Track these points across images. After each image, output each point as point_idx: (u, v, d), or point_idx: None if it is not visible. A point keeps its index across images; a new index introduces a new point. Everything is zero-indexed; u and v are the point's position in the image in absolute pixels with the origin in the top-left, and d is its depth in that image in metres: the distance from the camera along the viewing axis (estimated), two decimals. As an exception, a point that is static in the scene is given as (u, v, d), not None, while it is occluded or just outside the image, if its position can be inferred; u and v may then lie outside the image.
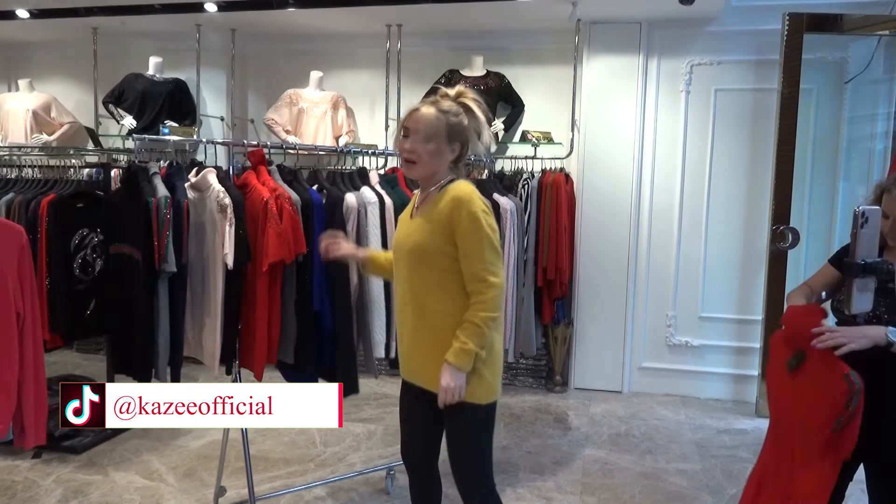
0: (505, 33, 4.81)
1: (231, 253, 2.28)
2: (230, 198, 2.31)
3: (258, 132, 5.34)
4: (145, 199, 2.18)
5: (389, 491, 3.11)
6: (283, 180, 2.46)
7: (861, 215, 0.93)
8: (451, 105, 1.87)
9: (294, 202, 2.34)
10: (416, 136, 1.84)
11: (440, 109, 1.85)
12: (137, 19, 4.77)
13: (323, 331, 2.43)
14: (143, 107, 5.04)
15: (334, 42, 5.12)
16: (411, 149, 1.84)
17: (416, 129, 1.84)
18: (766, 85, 4.23)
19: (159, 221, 2.17)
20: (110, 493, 3.06)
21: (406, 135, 1.86)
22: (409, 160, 1.86)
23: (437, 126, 1.83)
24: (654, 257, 4.58)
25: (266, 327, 2.34)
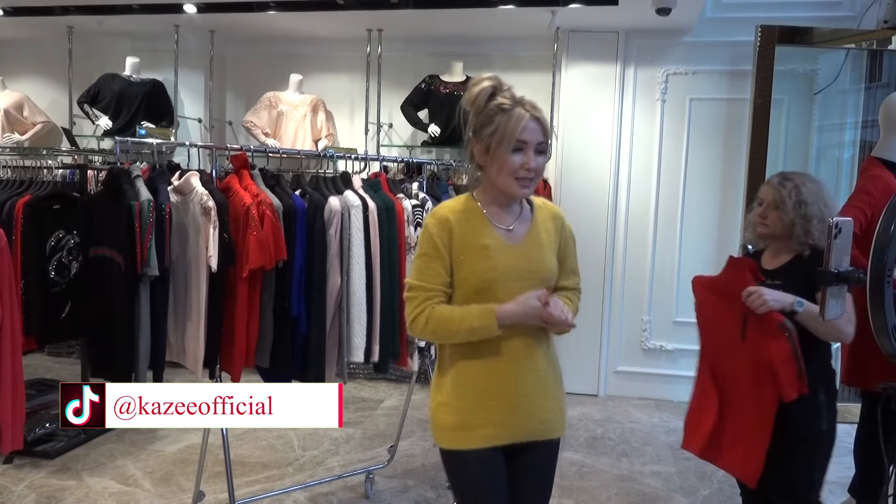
0: (485, 40, 4.85)
1: (215, 256, 2.27)
2: (214, 201, 2.30)
3: (236, 135, 5.31)
4: (128, 201, 2.17)
5: (369, 495, 3.12)
6: (265, 185, 2.47)
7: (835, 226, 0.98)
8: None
9: (276, 208, 2.35)
10: (543, 155, 1.58)
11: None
12: (114, 19, 4.72)
13: (299, 335, 2.44)
14: (120, 107, 4.98)
15: (314, 45, 5.12)
16: (538, 168, 1.57)
17: (543, 143, 1.57)
18: (739, 95, 4.33)
19: (142, 225, 2.16)
20: (85, 499, 3.02)
21: (532, 150, 1.54)
22: (530, 179, 1.57)
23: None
24: (630, 263, 4.65)
25: (245, 332, 2.34)
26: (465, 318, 1.52)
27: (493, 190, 1.60)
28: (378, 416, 4.21)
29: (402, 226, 2.68)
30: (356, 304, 2.56)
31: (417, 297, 1.56)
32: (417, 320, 1.55)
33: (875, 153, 2.60)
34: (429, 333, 1.57)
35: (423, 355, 2.73)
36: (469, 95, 1.60)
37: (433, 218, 1.59)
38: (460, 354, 1.60)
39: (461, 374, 1.61)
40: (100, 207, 2.37)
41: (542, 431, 1.67)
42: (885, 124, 2.58)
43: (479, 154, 1.59)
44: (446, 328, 1.53)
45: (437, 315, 1.53)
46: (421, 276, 1.56)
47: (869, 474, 2.59)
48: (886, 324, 0.99)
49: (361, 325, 2.58)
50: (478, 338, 1.53)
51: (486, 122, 1.55)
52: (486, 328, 1.51)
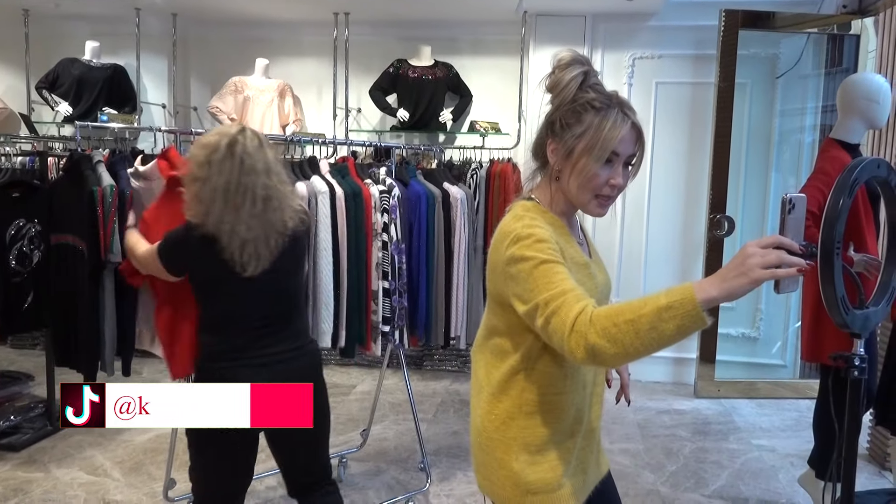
0: (453, 24, 4.84)
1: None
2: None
3: (202, 120, 5.22)
4: (90, 187, 2.13)
5: (342, 479, 3.13)
6: (231, 170, 2.43)
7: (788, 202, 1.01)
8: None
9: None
10: (629, 169, 1.30)
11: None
12: (72, 2, 4.61)
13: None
14: (80, 93, 4.87)
15: (280, 29, 5.05)
16: (624, 186, 1.29)
17: (633, 156, 1.30)
18: (703, 79, 4.39)
19: (105, 211, 2.12)
20: (53, 490, 2.98)
21: (621, 163, 1.27)
22: (611, 199, 1.30)
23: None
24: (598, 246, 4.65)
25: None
26: (647, 301, 1.04)
27: (563, 199, 1.32)
28: (351, 402, 4.21)
29: (369, 212, 2.68)
30: (323, 290, 2.56)
31: (565, 301, 1.11)
32: (577, 325, 1.08)
33: (833, 135, 2.67)
34: (599, 338, 1.05)
35: (387, 339, 2.74)
36: (557, 81, 1.28)
37: (537, 230, 1.22)
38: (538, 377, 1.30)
39: (547, 406, 1.30)
40: (61, 194, 2.32)
41: (605, 465, 1.53)
42: (842, 106, 2.65)
43: (555, 155, 1.29)
44: (621, 319, 1.04)
45: (602, 311, 1.07)
46: (555, 285, 1.14)
47: (827, 446, 2.68)
48: (836, 295, 1.02)
49: (329, 310, 2.58)
50: (675, 330, 1.02)
51: (574, 121, 1.25)
52: (683, 304, 1.01)
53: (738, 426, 3.96)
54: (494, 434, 1.33)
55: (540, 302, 1.13)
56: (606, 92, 1.28)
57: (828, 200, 1.03)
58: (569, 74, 1.27)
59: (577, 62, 1.29)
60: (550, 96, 1.31)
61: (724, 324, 4.47)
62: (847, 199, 1.01)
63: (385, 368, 3.37)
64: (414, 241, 2.98)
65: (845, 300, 1.05)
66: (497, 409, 1.33)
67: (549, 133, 1.31)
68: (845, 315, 1.07)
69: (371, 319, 2.78)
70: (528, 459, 1.30)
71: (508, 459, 1.31)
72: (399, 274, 2.80)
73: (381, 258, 2.75)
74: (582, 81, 1.28)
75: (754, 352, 4.75)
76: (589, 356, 1.06)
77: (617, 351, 1.04)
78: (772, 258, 0.99)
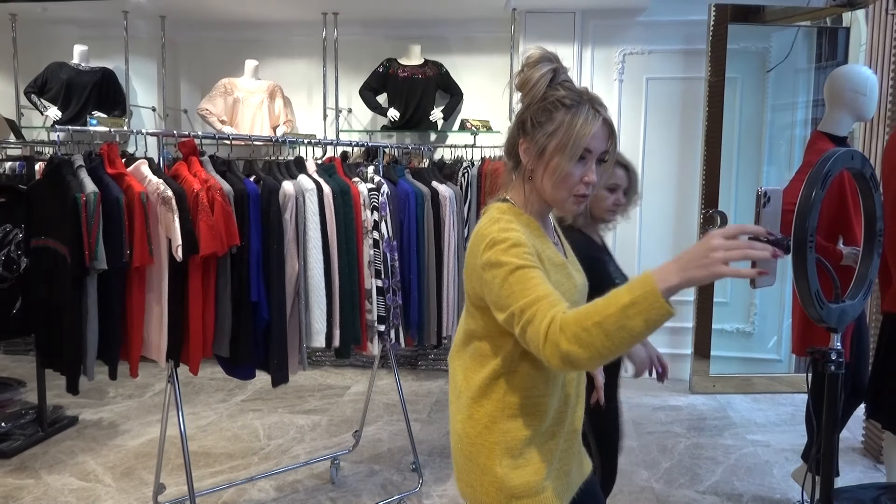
0: (442, 22, 4.83)
1: (182, 245, 2.23)
2: (171, 190, 2.26)
3: (192, 123, 5.21)
4: (72, 194, 2.10)
5: (334, 480, 3.11)
6: (216, 171, 2.42)
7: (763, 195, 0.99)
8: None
9: (226, 193, 2.31)
10: (602, 165, 1.27)
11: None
12: (59, 6, 4.58)
13: (260, 322, 2.41)
14: (69, 97, 4.85)
15: (269, 30, 5.04)
16: (597, 182, 1.26)
17: (607, 152, 1.27)
18: (693, 74, 4.38)
19: (88, 218, 2.10)
20: (44, 497, 2.96)
21: (594, 160, 1.25)
22: (586, 196, 1.27)
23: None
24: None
25: (201, 321, 2.30)
26: (610, 300, 1.03)
27: (538, 199, 1.30)
28: (345, 403, 4.20)
29: (358, 209, 2.66)
30: (315, 289, 2.54)
31: (539, 309, 1.10)
32: (549, 334, 1.07)
33: (821, 128, 2.66)
34: (570, 346, 1.04)
35: (383, 339, 2.72)
36: (526, 79, 1.26)
37: (513, 233, 1.20)
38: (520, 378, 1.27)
39: (529, 408, 1.27)
40: (40, 199, 2.30)
41: (587, 466, 1.49)
42: (829, 99, 2.63)
43: (527, 155, 1.27)
44: (589, 322, 1.03)
45: (568, 316, 1.06)
46: (530, 290, 1.12)
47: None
48: (810, 289, 1.01)
49: (321, 309, 2.56)
50: (642, 325, 1.00)
51: (545, 119, 1.24)
52: (646, 298, 0.99)
53: (734, 421, 3.95)
54: (477, 439, 1.31)
55: (515, 311, 1.13)
56: (577, 88, 1.26)
57: (800, 193, 1.01)
58: (538, 72, 1.25)
59: (546, 59, 1.26)
60: (520, 95, 1.28)
61: (718, 319, 4.46)
62: (819, 191, 0.99)
63: (377, 369, 3.35)
64: (404, 241, 2.96)
65: (819, 294, 1.03)
66: (478, 414, 1.31)
67: (520, 132, 1.28)
68: (820, 309, 1.05)
69: (366, 319, 2.76)
70: (511, 463, 1.28)
71: (491, 464, 1.29)
72: (392, 272, 2.79)
73: (372, 256, 2.73)
74: (551, 79, 1.25)
75: (749, 347, 4.74)
76: (565, 363, 1.06)
77: (590, 355, 1.03)
78: (736, 254, 0.96)
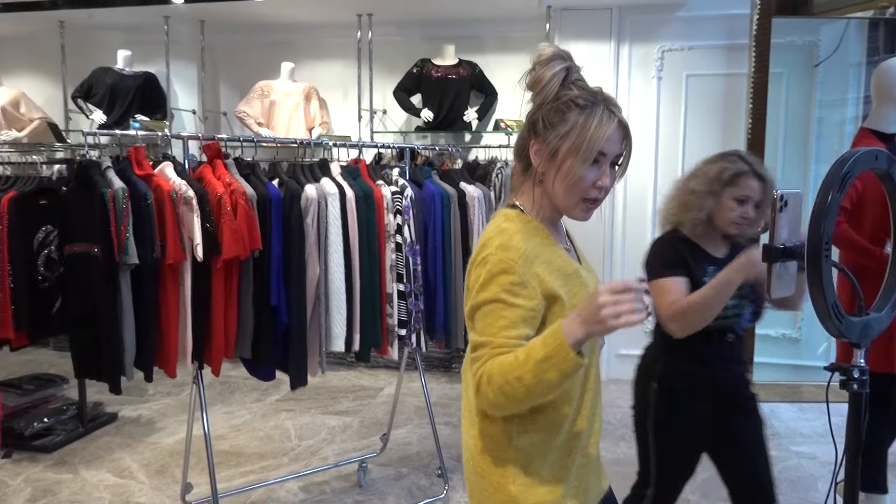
0: (476, 21, 4.78)
1: (201, 245, 2.25)
2: (193, 190, 2.28)
3: (231, 125, 5.29)
4: (100, 191, 2.15)
5: (361, 484, 3.10)
6: (240, 174, 2.44)
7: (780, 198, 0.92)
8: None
9: (249, 197, 2.32)
10: (616, 169, 1.23)
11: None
12: (104, 12, 4.71)
13: (279, 325, 2.42)
14: (113, 101, 4.98)
15: (305, 32, 5.08)
16: (611, 187, 1.23)
17: (621, 155, 1.23)
18: (736, 70, 4.23)
19: (117, 213, 2.13)
20: (80, 492, 3.04)
21: (609, 163, 1.21)
22: (598, 201, 1.24)
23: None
24: (629, 244, 4.58)
25: (223, 323, 2.32)
26: (529, 354, 1.07)
27: (548, 204, 1.25)
28: (377, 405, 4.19)
29: (381, 213, 2.65)
30: (335, 293, 2.53)
31: (482, 357, 1.13)
32: (480, 387, 1.12)
33: (867, 124, 2.52)
34: (497, 398, 1.11)
35: (404, 343, 2.70)
36: (537, 78, 1.21)
37: (508, 253, 1.16)
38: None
39: (541, 424, 1.24)
40: (72, 202, 2.35)
41: (605, 481, 1.43)
42: (877, 94, 2.49)
43: (538, 157, 1.22)
44: (511, 377, 1.08)
45: (495, 367, 1.10)
46: (489, 330, 1.14)
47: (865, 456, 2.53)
48: (825, 301, 0.92)
49: (341, 314, 2.55)
50: (558, 377, 1.06)
51: (557, 120, 1.18)
52: (557, 352, 1.05)
53: (778, 431, 3.79)
54: (488, 456, 1.26)
55: (472, 341, 1.18)
56: (590, 88, 1.21)
57: (817, 195, 0.94)
58: (550, 71, 1.20)
59: (559, 57, 1.21)
60: (531, 94, 1.23)
61: (763, 324, 4.27)
62: (837, 194, 0.91)
63: (403, 372, 3.33)
64: (429, 243, 2.93)
65: (837, 306, 0.95)
66: (489, 430, 1.26)
67: (531, 133, 1.23)
68: (838, 323, 0.97)
69: (387, 323, 2.74)
70: (525, 482, 1.23)
71: (505, 483, 1.23)
72: (414, 276, 2.76)
73: (394, 260, 2.71)
74: (564, 78, 1.21)
75: (797, 353, 4.54)
76: (494, 410, 1.17)
77: (514, 405, 1.13)
78: (621, 308, 1.00)
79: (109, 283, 2.24)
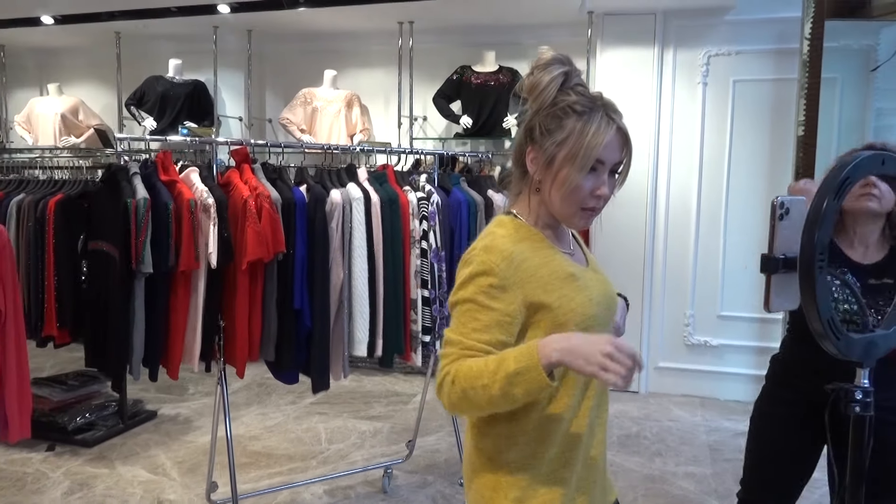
0: (517, 28, 4.75)
1: (215, 253, 2.29)
2: (213, 198, 2.32)
3: (275, 132, 5.39)
4: (124, 200, 2.21)
5: (386, 490, 3.09)
6: (266, 178, 2.47)
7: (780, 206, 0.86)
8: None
9: (274, 201, 2.34)
10: (615, 177, 1.20)
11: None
12: (157, 22, 4.87)
13: (302, 329, 2.43)
14: (164, 108, 5.15)
15: (348, 40, 5.14)
16: (609, 196, 1.18)
17: (621, 163, 1.19)
18: (785, 75, 4.07)
19: (137, 223, 2.19)
20: (114, 487, 3.12)
21: (607, 171, 1.17)
22: (596, 210, 1.19)
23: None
24: (671, 254, 4.46)
25: (247, 325, 2.35)
26: (500, 364, 1.06)
27: (546, 212, 1.22)
28: (409, 411, 4.18)
29: (406, 219, 2.64)
30: (358, 298, 2.54)
31: (450, 355, 1.13)
32: (443, 386, 1.12)
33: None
34: (459, 400, 1.10)
35: (428, 349, 2.68)
36: (535, 83, 1.17)
37: (490, 255, 1.13)
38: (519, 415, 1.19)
39: (536, 436, 1.20)
40: (100, 203, 2.43)
41: (611, 495, 1.37)
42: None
43: (534, 164, 1.19)
44: (478, 383, 1.07)
45: (464, 370, 1.09)
46: (460, 329, 1.13)
47: None
48: (821, 317, 0.85)
49: (364, 318, 2.55)
50: (523, 394, 1.06)
51: (554, 126, 1.15)
52: (528, 371, 1.03)
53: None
54: (481, 469, 1.24)
55: (446, 339, 1.16)
56: (590, 94, 1.18)
57: (812, 202, 0.87)
58: (548, 75, 1.17)
59: (558, 61, 1.18)
60: (529, 100, 1.20)
61: (811, 340, 4.10)
62: (833, 201, 0.84)
63: (429, 378, 3.31)
64: (455, 250, 2.90)
65: (834, 322, 0.87)
66: (482, 445, 1.24)
67: (528, 140, 1.20)
68: (836, 340, 0.89)
69: (410, 328, 2.73)
70: (519, 496, 1.19)
71: (497, 498, 1.21)
72: (439, 282, 2.74)
73: (419, 266, 2.70)
74: (563, 82, 1.17)
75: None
76: (451, 410, 1.15)
77: (473, 410, 1.14)
78: (616, 368, 0.98)
79: (123, 287, 2.30)
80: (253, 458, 3.45)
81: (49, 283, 3.16)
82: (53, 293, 3.15)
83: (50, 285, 3.16)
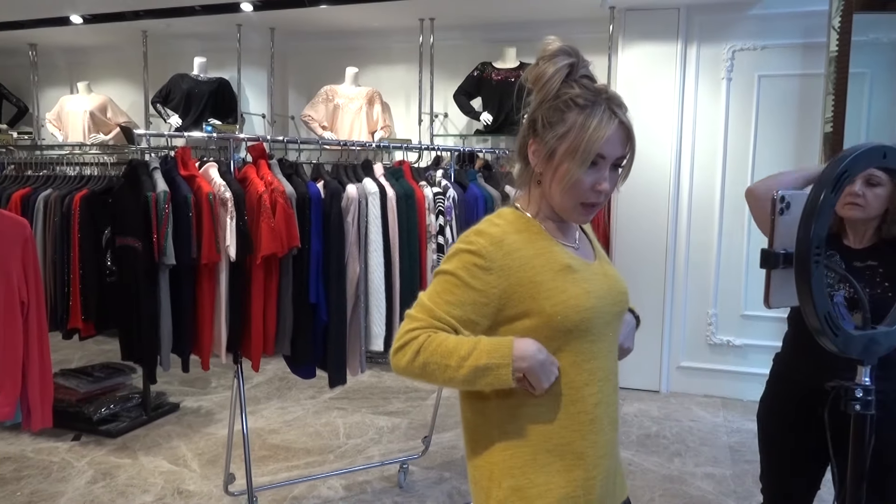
0: (537, 24, 4.73)
1: (233, 245, 2.33)
2: (231, 191, 2.35)
3: (298, 129, 5.44)
4: (145, 193, 2.26)
5: (402, 485, 3.11)
6: (283, 174, 2.49)
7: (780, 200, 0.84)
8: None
9: (288, 196, 2.37)
10: (618, 171, 1.18)
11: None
12: (182, 21, 4.95)
13: (318, 323, 2.45)
14: (189, 106, 5.23)
15: (369, 37, 5.17)
16: (610, 191, 1.17)
17: (623, 157, 1.18)
18: (812, 70, 3.99)
19: (158, 216, 2.24)
20: (136, 477, 3.18)
21: (608, 166, 1.15)
22: (597, 205, 1.18)
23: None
24: (694, 252, 4.40)
25: (262, 319, 2.38)
26: (473, 353, 1.08)
27: (546, 205, 1.21)
28: (427, 407, 4.19)
29: (422, 213, 2.65)
30: (375, 292, 2.55)
31: (419, 319, 1.12)
32: (406, 347, 1.11)
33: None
34: (416, 369, 1.11)
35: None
36: (539, 74, 1.16)
37: (481, 237, 1.14)
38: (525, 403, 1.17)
39: (540, 435, 1.17)
40: (122, 199, 2.48)
41: (621, 494, 1.32)
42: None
43: (536, 157, 1.18)
44: (444, 362, 1.08)
45: (435, 344, 1.08)
46: (434, 298, 1.13)
47: None
48: (817, 313, 0.82)
49: (380, 313, 2.56)
50: (484, 386, 1.10)
51: (556, 119, 1.14)
52: (499, 369, 1.07)
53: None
54: (478, 474, 1.23)
55: (418, 301, 1.16)
56: (594, 87, 1.15)
57: (809, 195, 0.85)
58: (553, 66, 1.14)
59: (564, 52, 1.15)
60: (534, 90, 1.18)
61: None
62: (830, 194, 0.81)
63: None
64: (471, 246, 2.90)
65: (832, 318, 0.85)
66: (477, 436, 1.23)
67: (530, 132, 1.18)
68: (834, 337, 0.86)
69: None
70: (519, 495, 1.17)
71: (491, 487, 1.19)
72: (455, 278, 2.74)
73: (436, 261, 2.71)
74: (568, 74, 1.15)
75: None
76: (400, 373, 1.14)
77: (424, 379, 1.12)
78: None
79: (149, 279, 2.35)
80: (272, 451, 3.49)
81: (74, 277, 3.23)
82: (78, 286, 3.22)
83: (75, 279, 3.23)
